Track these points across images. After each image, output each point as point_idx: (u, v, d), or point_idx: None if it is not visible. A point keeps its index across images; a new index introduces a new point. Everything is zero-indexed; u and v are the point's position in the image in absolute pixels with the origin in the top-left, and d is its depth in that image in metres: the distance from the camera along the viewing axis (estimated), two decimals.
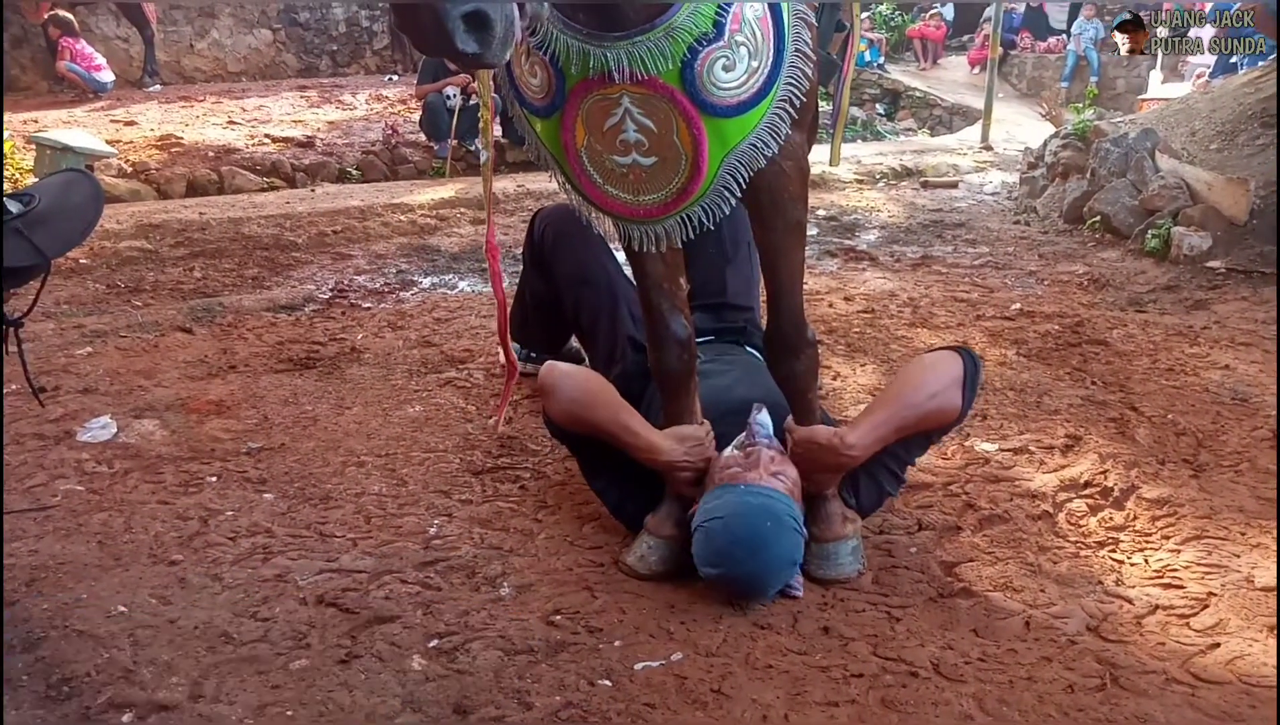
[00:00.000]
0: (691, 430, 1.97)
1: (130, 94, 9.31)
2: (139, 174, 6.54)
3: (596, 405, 2.00)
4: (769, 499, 1.81)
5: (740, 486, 1.83)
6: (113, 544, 2.07)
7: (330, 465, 2.47)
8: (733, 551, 1.77)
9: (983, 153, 7.93)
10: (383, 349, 3.37)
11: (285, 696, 1.59)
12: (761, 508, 1.80)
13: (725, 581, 1.83)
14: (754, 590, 1.82)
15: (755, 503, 1.80)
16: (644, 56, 1.59)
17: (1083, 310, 3.75)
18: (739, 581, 1.82)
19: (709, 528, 1.81)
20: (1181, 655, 1.66)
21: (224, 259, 4.67)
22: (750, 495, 1.81)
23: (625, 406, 2.02)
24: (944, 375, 1.93)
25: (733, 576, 1.81)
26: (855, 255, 4.80)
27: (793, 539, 1.81)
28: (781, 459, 1.90)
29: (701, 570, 1.84)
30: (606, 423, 1.98)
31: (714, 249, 2.50)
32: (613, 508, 2.10)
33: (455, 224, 5.50)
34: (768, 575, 1.81)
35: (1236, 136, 4.90)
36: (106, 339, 3.43)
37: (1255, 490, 2.24)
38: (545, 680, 1.62)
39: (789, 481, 1.87)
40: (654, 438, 1.96)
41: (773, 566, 1.80)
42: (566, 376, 2.06)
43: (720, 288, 2.53)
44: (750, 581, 1.81)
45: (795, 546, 1.83)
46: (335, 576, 1.94)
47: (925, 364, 2.02)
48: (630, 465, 1.98)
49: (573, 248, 2.63)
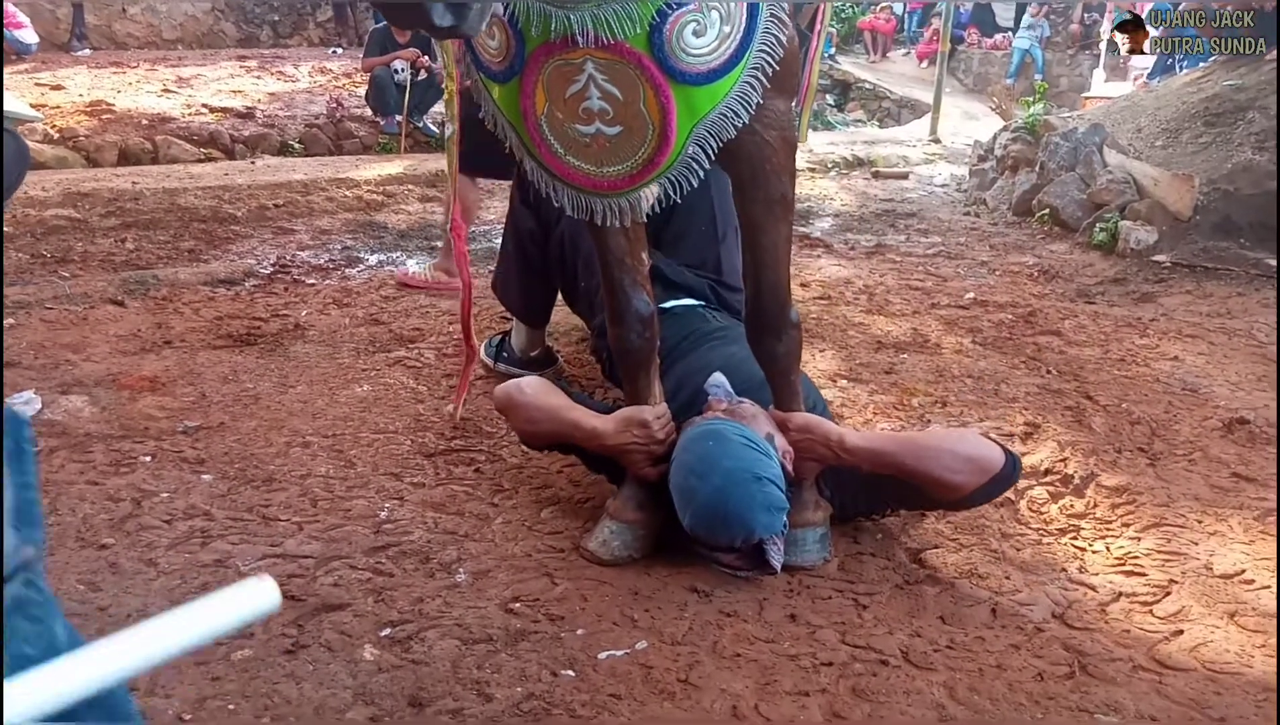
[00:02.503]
0: (640, 412, 1.89)
1: (57, 57, 8.90)
2: (67, 140, 6.25)
3: (546, 417, 1.96)
4: (711, 424, 1.78)
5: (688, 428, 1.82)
6: None
7: (273, 446, 2.35)
8: (690, 487, 1.71)
9: (932, 145, 8.00)
10: (328, 326, 3.25)
11: (227, 689, 1.49)
12: (703, 433, 1.77)
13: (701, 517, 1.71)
14: (726, 512, 1.67)
15: (699, 432, 1.78)
16: (610, 19, 1.49)
17: (1034, 300, 3.78)
18: (707, 510, 1.69)
19: (672, 475, 1.78)
20: (1146, 643, 1.66)
21: (158, 230, 4.46)
22: (695, 428, 1.80)
23: (569, 405, 1.98)
24: (975, 459, 1.81)
25: (699, 505, 1.70)
26: (810, 242, 4.78)
27: (749, 453, 1.70)
28: (765, 417, 1.86)
29: (686, 526, 1.75)
30: (559, 428, 1.96)
31: (705, 227, 2.45)
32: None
33: (403, 201, 5.35)
34: (732, 491, 1.66)
35: (1181, 134, 5.00)
36: (31, 310, 3.24)
37: (1209, 479, 2.27)
38: (505, 670, 1.55)
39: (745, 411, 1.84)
40: (597, 424, 1.91)
41: (736, 486, 1.66)
42: (510, 397, 2.02)
43: (715, 265, 2.46)
44: (717, 504, 1.67)
45: (756, 462, 1.69)
46: (280, 562, 1.84)
47: (969, 438, 1.93)
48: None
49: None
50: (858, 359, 3.05)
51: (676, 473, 1.77)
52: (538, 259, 2.67)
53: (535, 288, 2.73)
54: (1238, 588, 1.83)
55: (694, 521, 1.73)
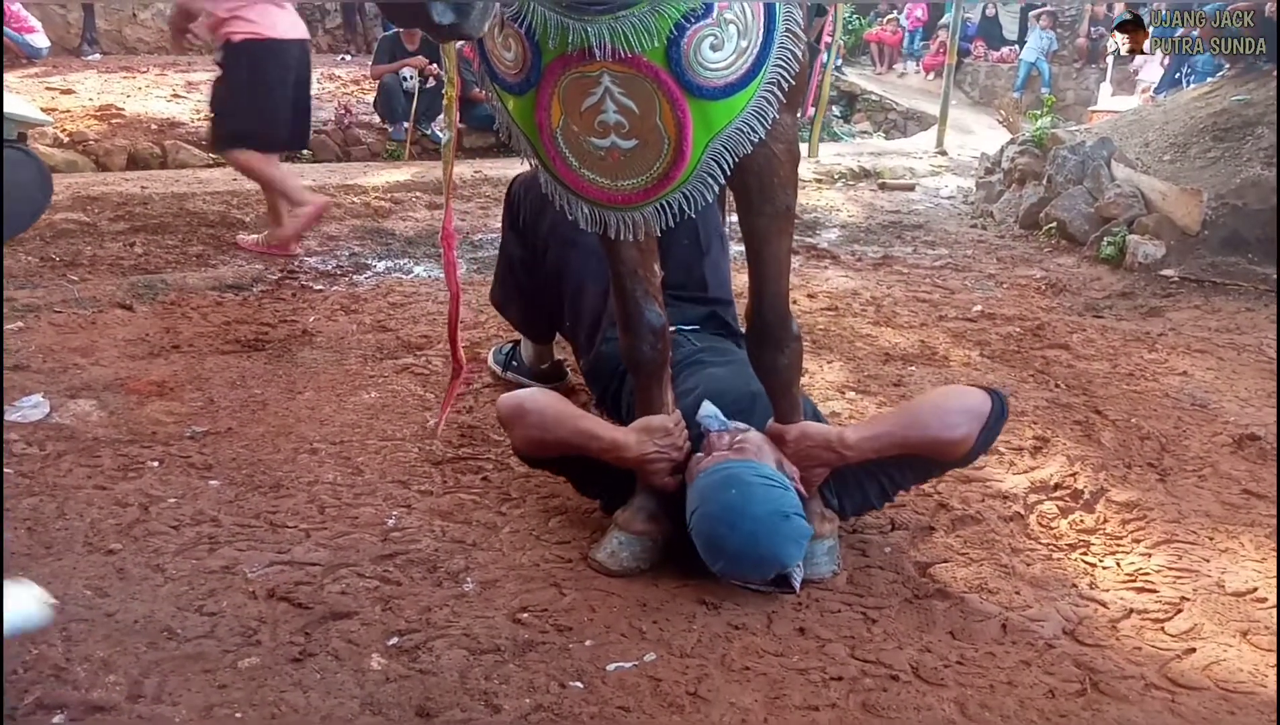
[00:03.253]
0: (659, 421, 1.89)
1: (67, 61, 8.95)
2: (76, 144, 6.28)
3: (555, 424, 1.92)
4: (725, 469, 1.76)
5: (701, 473, 1.79)
6: (44, 531, 1.93)
7: (281, 452, 2.35)
8: (718, 537, 1.72)
9: (938, 157, 8.02)
10: (336, 333, 3.25)
11: (233, 697, 1.48)
12: (722, 481, 1.75)
13: (731, 562, 1.75)
14: (759, 556, 1.72)
15: (715, 479, 1.76)
16: (628, 33, 1.49)
17: (1042, 314, 3.78)
18: (740, 556, 1.73)
19: (694, 526, 1.75)
20: (1159, 660, 1.65)
21: (167, 235, 4.46)
22: (709, 476, 1.77)
23: (582, 414, 1.98)
24: (967, 409, 1.84)
25: (732, 553, 1.73)
26: (817, 253, 4.79)
27: (764, 494, 1.72)
28: (770, 446, 1.85)
29: (713, 568, 1.78)
30: (569, 437, 1.91)
31: (688, 241, 2.43)
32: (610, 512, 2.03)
33: (411, 208, 5.36)
34: (765, 543, 1.71)
35: (1188, 149, 5.00)
36: (40, 314, 3.24)
37: (1219, 495, 2.26)
38: (513, 681, 1.54)
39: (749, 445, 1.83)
40: (617, 435, 1.90)
41: (763, 530, 1.69)
42: (520, 404, 1.98)
43: (701, 282, 2.45)
44: (751, 549, 1.71)
45: (780, 499, 1.73)
46: (287, 569, 1.84)
47: (952, 392, 1.98)
48: (615, 471, 1.92)
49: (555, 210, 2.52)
50: (866, 371, 3.04)
51: (702, 522, 1.75)
52: (529, 286, 2.65)
53: (531, 309, 2.71)
54: (1250, 606, 1.82)
55: (727, 567, 1.77)
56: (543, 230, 2.52)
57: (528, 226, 2.58)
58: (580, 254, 2.44)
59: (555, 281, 2.54)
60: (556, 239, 2.49)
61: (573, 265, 2.47)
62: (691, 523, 1.77)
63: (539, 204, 2.49)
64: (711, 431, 1.88)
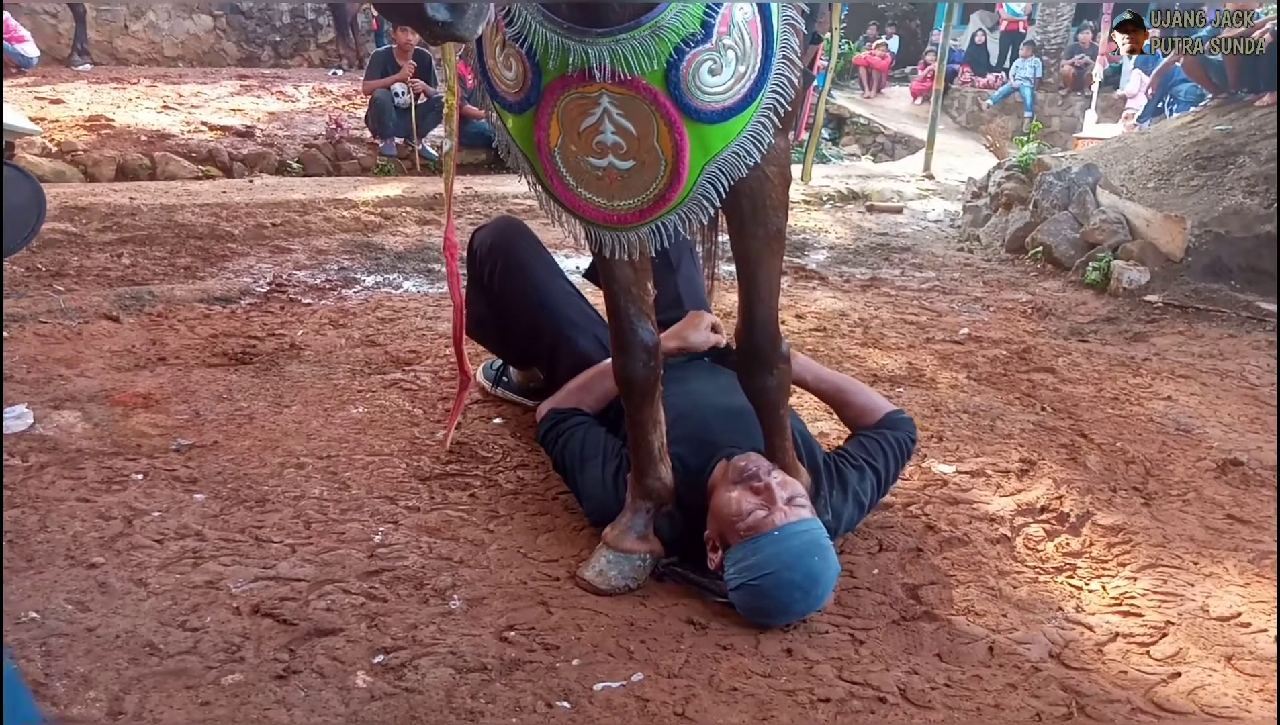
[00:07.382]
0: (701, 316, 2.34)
1: (57, 71, 8.93)
2: (65, 154, 6.25)
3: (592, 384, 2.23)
4: (804, 533, 1.77)
5: (773, 533, 1.75)
6: (25, 544, 1.91)
7: (267, 466, 2.33)
8: (792, 601, 1.75)
9: (925, 181, 8.08)
10: (324, 347, 3.24)
11: (216, 714, 1.46)
12: (805, 547, 1.75)
13: (788, 617, 1.80)
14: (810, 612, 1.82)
15: (797, 544, 1.75)
16: (628, 55, 1.51)
17: (1028, 337, 3.80)
18: (801, 615, 1.80)
19: (759, 585, 1.73)
20: (1144, 684, 1.65)
21: (155, 246, 4.45)
22: (788, 539, 1.75)
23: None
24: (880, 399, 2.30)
25: (799, 612, 1.79)
26: (805, 274, 4.81)
27: (834, 557, 1.82)
28: (786, 478, 1.86)
29: (757, 621, 1.78)
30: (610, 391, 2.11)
31: (659, 260, 2.44)
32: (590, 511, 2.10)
33: (401, 223, 5.36)
34: (824, 599, 1.82)
35: (1172, 176, 5.06)
36: (24, 324, 3.22)
37: (1204, 520, 2.27)
38: (500, 700, 1.53)
39: (804, 499, 1.84)
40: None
41: (828, 590, 1.81)
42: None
43: (674, 299, 2.46)
44: (809, 610, 1.81)
45: (836, 560, 1.83)
46: (272, 584, 1.82)
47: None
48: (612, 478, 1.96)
49: (521, 271, 2.48)
50: None
51: (780, 589, 1.73)
52: (500, 333, 2.63)
53: (507, 352, 2.72)
54: (1234, 631, 1.83)
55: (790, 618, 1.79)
56: (510, 295, 2.49)
57: (494, 288, 2.53)
58: (549, 316, 2.44)
59: (529, 341, 2.52)
60: (523, 304, 2.47)
61: (546, 327, 2.45)
62: (760, 582, 1.73)
63: (500, 265, 2.49)
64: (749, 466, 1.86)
